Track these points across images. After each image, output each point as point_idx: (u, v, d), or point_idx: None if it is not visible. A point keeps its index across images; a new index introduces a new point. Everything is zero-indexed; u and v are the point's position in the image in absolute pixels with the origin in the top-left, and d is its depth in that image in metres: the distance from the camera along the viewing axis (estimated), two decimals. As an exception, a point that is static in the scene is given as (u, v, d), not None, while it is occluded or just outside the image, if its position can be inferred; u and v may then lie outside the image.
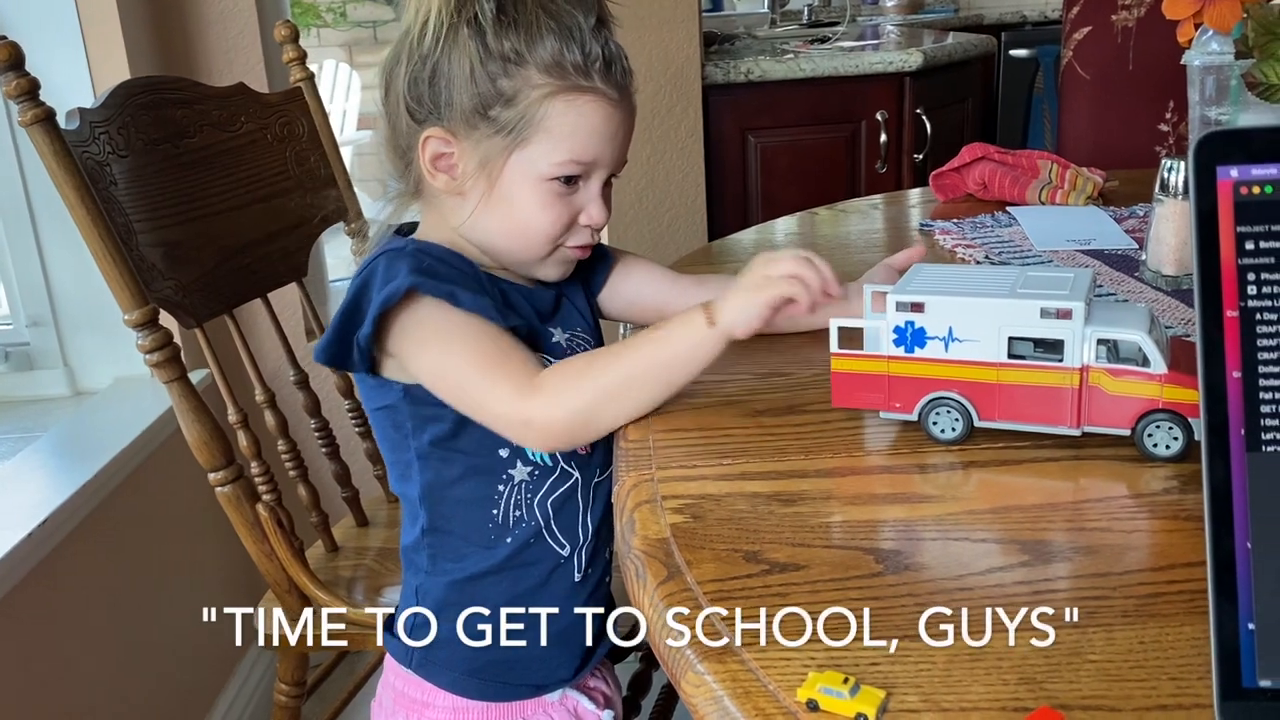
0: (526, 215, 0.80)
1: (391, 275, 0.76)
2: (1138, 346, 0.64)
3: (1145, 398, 0.63)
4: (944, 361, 0.67)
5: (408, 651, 0.90)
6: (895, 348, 0.68)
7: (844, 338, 0.70)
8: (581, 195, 0.82)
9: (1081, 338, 0.64)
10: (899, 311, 0.68)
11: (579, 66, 0.77)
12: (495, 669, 0.88)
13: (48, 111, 1.00)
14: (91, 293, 1.57)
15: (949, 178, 1.40)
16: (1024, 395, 0.66)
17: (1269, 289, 0.41)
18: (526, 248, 0.82)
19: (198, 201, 1.18)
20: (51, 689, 1.28)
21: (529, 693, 0.90)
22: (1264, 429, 0.41)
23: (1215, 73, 1.05)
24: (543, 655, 0.89)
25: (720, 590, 0.53)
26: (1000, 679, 0.46)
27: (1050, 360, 0.65)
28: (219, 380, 1.18)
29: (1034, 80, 3.37)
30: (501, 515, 0.85)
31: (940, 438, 0.68)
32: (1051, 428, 0.66)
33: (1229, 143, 0.42)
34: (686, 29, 2.07)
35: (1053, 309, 0.64)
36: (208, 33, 1.74)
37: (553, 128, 0.78)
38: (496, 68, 0.77)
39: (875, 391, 0.69)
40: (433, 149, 0.80)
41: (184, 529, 1.64)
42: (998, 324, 0.65)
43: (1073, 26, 1.86)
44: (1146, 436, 0.64)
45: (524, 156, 0.79)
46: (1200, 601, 0.50)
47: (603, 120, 0.79)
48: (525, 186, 0.80)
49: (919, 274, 0.72)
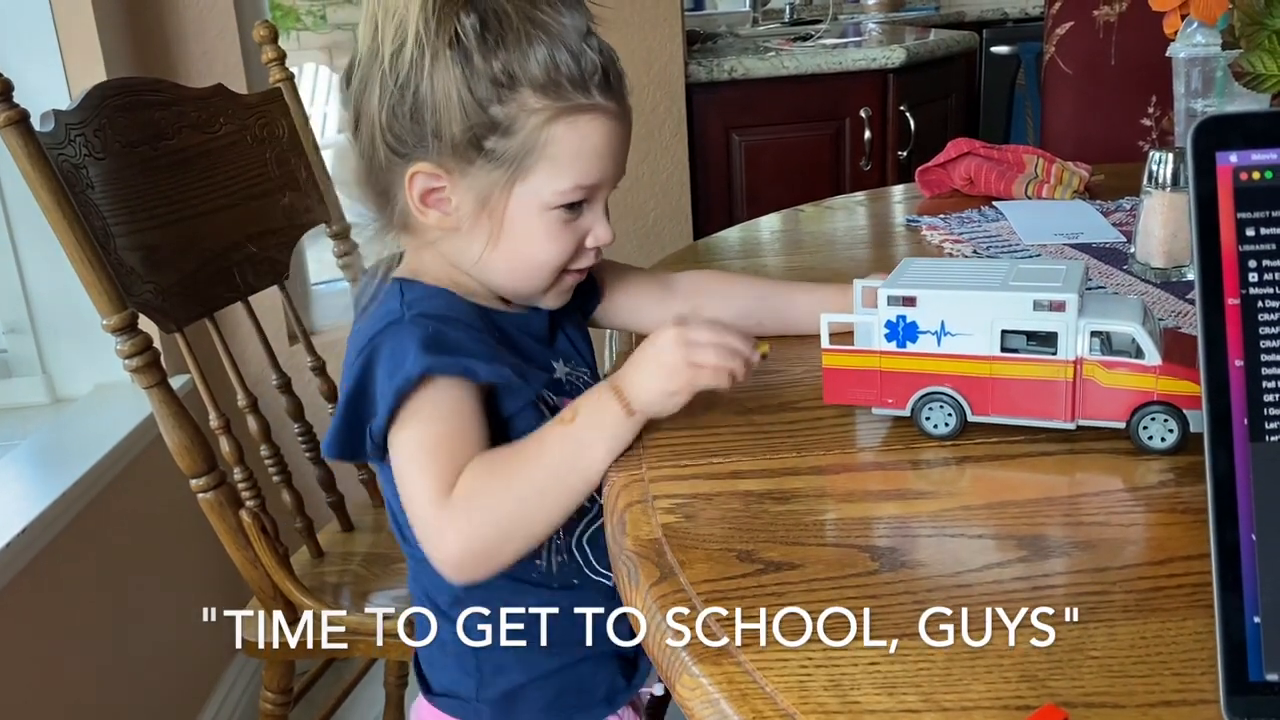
0: (533, 249, 0.75)
1: (399, 355, 0.70)
2: (1131, 338, 0.63)
3: (1140, 390, 0.63)
4: (936, 356, 0.66)
5: (476, 711, 0.85)
6: (887, 342, 0.67)
7: (835, 333, 0.69)
8: (586, 218, 0.77)
9: (1075, 330, 0.63)
10: (890, 306, 0.67)
11: (575, 80, 0.71)
12: (570, 698, 0.85)
13: (22, 114, 0.98)
14: (69, 298, 1.54)
15: (935, 173, 1.40)
16: (1017, 389, 0.65)
17: (1270, 275, 0.40)
18: (530, 280, 0.78)
19: (177, 204, 1.16)
20: (33, 699, 1.26)
21: (604, 710, 0.86)
22: (1267, 418, 0.40)
23: (1201, 64, 1.05)
24: (606, 671, 0.86)
25: (714, 591, 0.52)
26: (1002, 677, 0.45)
27: (1044, 353, 0.64)
28: (200, 385, 1.16)
29: (1015, 76, 3.38)
30: (545, 564, 0.80)
31: (933, 433, 0.67)
32: (1045, 421, 0.65)
33: (1228, 127, 0.41)
34: (669, 28, 2.06)
35: (1046, 301, 0.63)
36: (185, 34, 1.72)
37: (556, 155, 0.72)
38: (487, 93, 0.70)
39: (867, 387, 0.69)
40: (421, 185, 0.74)
41: (166, 536, 1.62)
42: (990, 317, 0.65)
43: (1055, 22, 1.86)
44: (1142, 429, 0.63)
45: (527, 188, 0.73)
46: (1201, 595, 0.49)
47: (605, 139, 0.74)
48: (530, 219, 0.74)
49: (909, 268, 0.71)
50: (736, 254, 1.22)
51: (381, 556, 1.31)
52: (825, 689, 0.45)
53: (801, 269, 1.13)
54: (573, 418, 0.69)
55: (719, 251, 1.23)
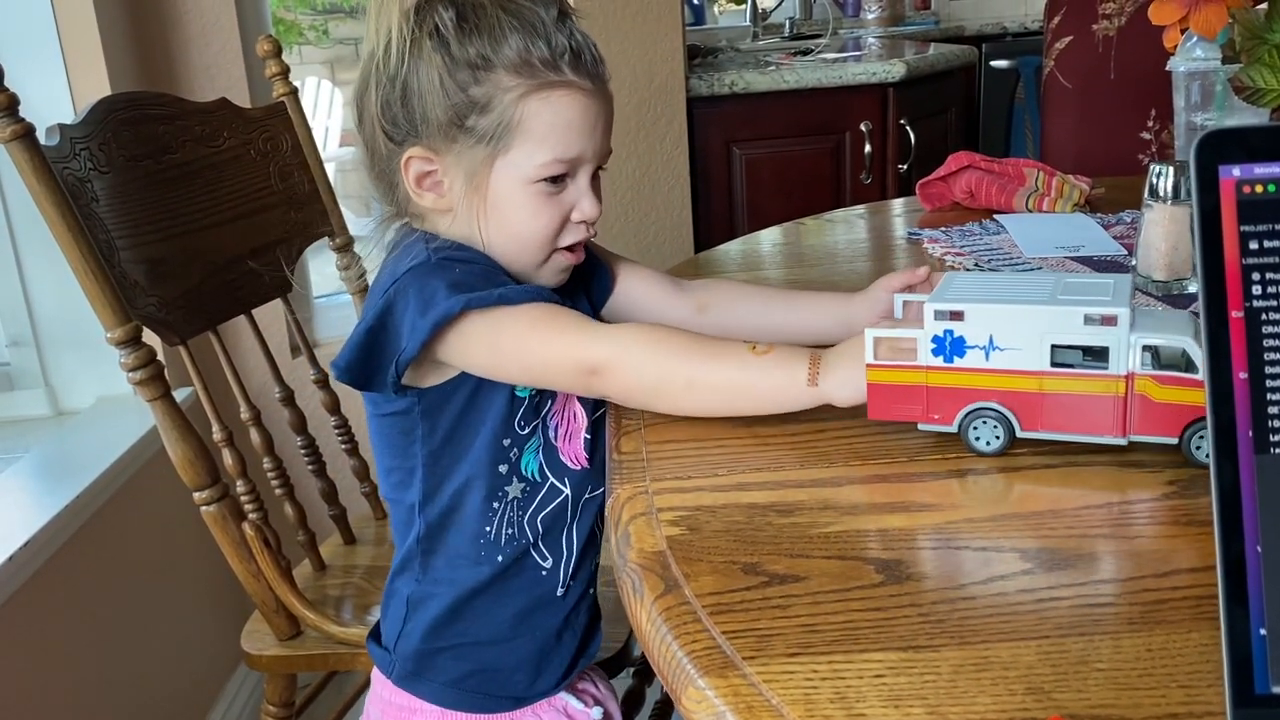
0: (519, 221, 0.79)
1: (429, 294, 0.74)
2: (1182, 352, 0.62)
3: (1193, 405, 0.62)
4: (985, 371, 0.65)
5: (390, 661, 0.90)
6: (933, 358, 0.66)
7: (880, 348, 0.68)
8: (571, 192, 0.81)
9: (1127, 344, 0.62)
10: (938, 320, 0.65)
11: (547, 61, 0.76)
12: (476, 681, 0.88)
13: (27, 128, 0.98)
14: (73, 311, 1.55)
15: (936, 186, 1.40)
16: (1068, 404, 0.64)
17: (1274, 288, 0.41)
18: (523, 253, 0.81)
19: (181, 217, 1.16)
20: (37, 712, 1.26)
21: (510, 705, 0.90)
22: (1272, 430, 0.40)
23: (1201, 78, 1.05)
24: (524, 669, 0.89)
25: (719, 603, 0.52)
26: (1007, 689, 0.45)
27: (1095, 368, 0.63)
28: (203, 398, 1.17)
29: (1015, 90, 3.39)
30: (494, 532, 0.84)
31: (983, 450, 0.66)
32: (1096, 437, 0.64)
33: (1230, 142, 0.41)
34: (670, 42, 2.07)
35: (1097, 315, 0.62)
36: (189, 48, 1.73)
37: (532, 129, 0.77)
38: (465, 76, 0.76)
39: (913, 403, 0.67)
40: (416, 169, 0.79)
41: (169, 549, 1.62)
42: (1040, 331, 0.63)
43: (1054, 36, 1.87)
44: (1194, 447, 0.62)
45: (508, 162, 0.78)
46: (1206, 607, 0.50)
47: (580, 113, 0.78)
48: (514, 192, 0.79)
49: (954, 282, 0.70)
50: (737, 267, 1.22)
51: (384, 569, 1.31)
52: (831, 702, 0.45)
53: (803, 282, 1.13)
54: (766, 351, 0.71)
55: (720, 265, 1.24)
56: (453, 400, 0.80)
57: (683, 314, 0.91)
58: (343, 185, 1.44)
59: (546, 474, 0.84)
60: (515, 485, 0.83)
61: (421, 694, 0.89)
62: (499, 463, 0.82)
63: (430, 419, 0.81)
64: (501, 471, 0.82)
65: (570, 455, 0.85)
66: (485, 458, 0.81)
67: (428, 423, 0.81)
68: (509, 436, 0.82)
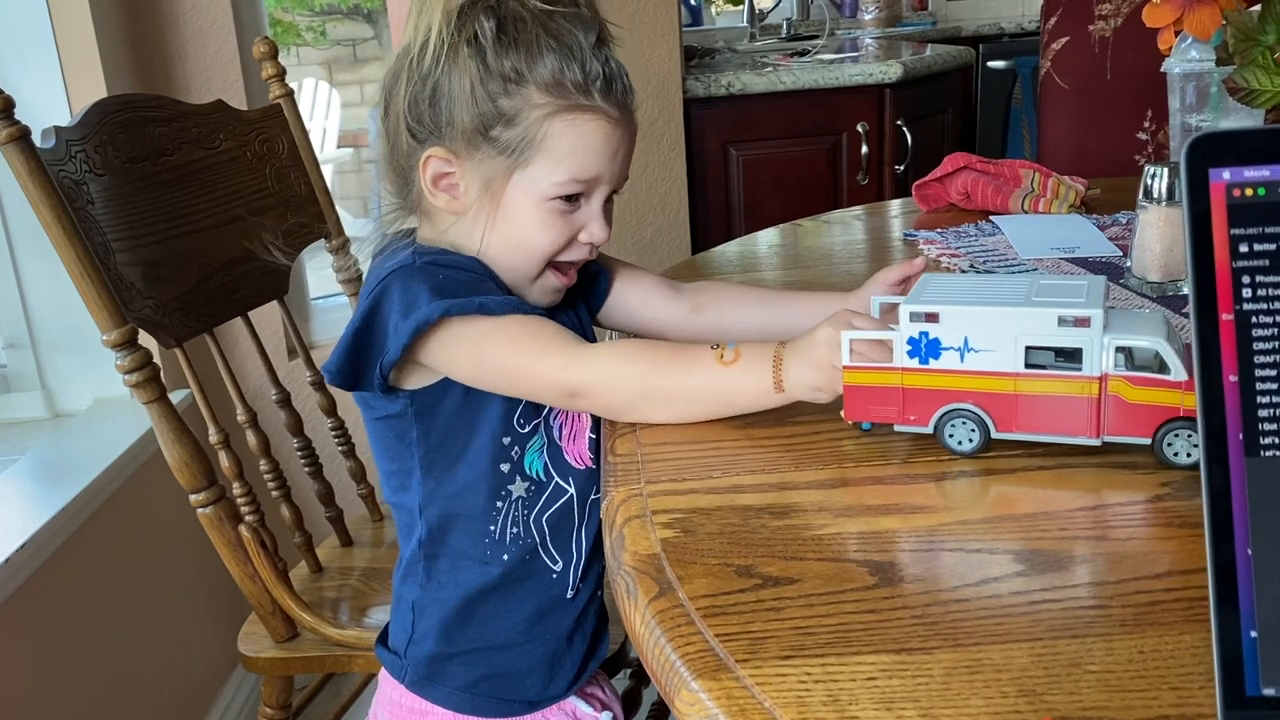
0: (526, 233, 0.80)
1: (411, 297, 0.75)
2: (1155, 353, 0.62)
3: (1165, 406, 0.62)
4: (960, 372, 0.66)
5: (402, 666, 0.90)
6: (909, 359, 0.67)
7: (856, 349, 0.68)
8: (583, 213, 0.81)
9: (1100, 346, 0.63)
10: (913, 322, 0.66)
11: (579, 85, 0.76)
12: (490, 686, 0.88)
13: (23, 130, 0.98)
14: (69, 313, 1.55)
15: (932, 188, 1.40)
16: (1042, 405, 0.65)
17: (1264, 291, 0.41)
18: (521, 264, 0.81)
19: (177, 220, 1.16)
20: (33, 714, 1.25)
21: (523, 709, 0.90)
22: (1262, 433, 0.40)
23: (1195, 80, 1.05)
24: (537, 673, 0.89)
25: (713, 605, 0.52)
26: (1000, 692, 0.45)
27: (1069, 369, 0.64)
28: (200, 400, 1.17)
29: (1012, 91, 3.40)
30: (499, 531, 0.84)
31: (957, 450, 0.67)
32: (1070, 438, 0.65)
33: (1220, 144, 0.41)
34: (667, 43, 2.07)
35: (1071, 317, 0.63)
36: (185, 50, 1.73)
37: (554, 147, 0.77)
38: (497, 87, 0.76)
39: (889, 404, 0.68)
40: (434, 169, 0.79)
41: (165, 552, 1.62)
42: (1014, 333, 0.64)
43: (1050, 37, 1.87)
44: (1166, 445, 0.63)
45: (525, 176, 0.78)
46: (1198, 609, 0.50)
47: (603, 139, 0.79)
48: (527, 206, 0.79)
49: (930, 284, 0.71)
50: (735, 268, 1.22)
51: (380, 571, 1.32)
52: (824, 704, 0.45)
53: (799, 283, 1.13)
54: (732, 360, 0.72)
55: (717, 266, 1.24)
56: (445, 401, 0.80)
57: (678, 316, 0.91)
58: (339, 187, 1.45)
59: (552, 473, 0.84)
60: (519, 484, 0.83)
61: (435, 699, 0.88)
62: (500, 461, 0.82)
63: (424, 421, 0.81)
64: (504, 470, 0.82)
65: (575, 455, 0.85)
66: (485, 457, 0.81)
67: (422, 424, 0.81)
68: (509, 435, 0.82)
